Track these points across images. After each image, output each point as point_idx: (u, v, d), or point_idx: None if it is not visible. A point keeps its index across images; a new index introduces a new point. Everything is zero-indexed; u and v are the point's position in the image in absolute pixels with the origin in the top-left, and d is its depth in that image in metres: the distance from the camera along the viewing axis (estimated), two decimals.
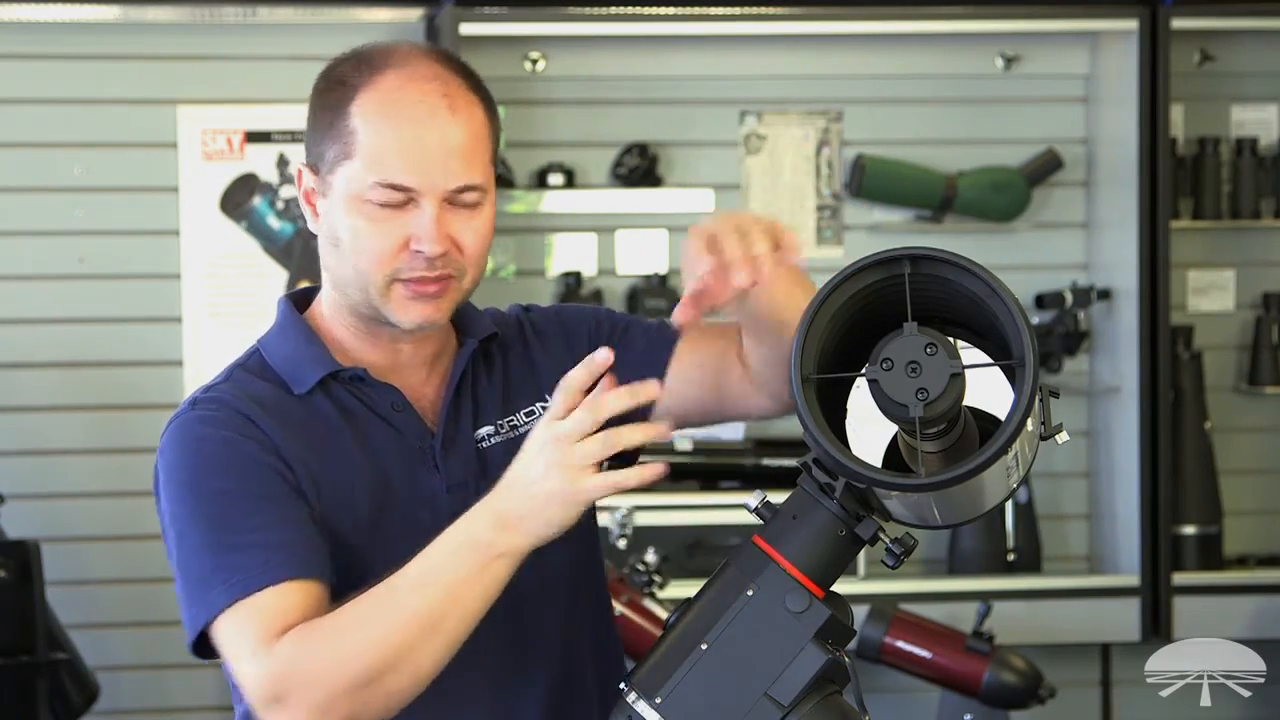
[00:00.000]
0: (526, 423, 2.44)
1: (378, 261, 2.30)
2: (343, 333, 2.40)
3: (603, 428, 2.12)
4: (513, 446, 2.34)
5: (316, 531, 2.27)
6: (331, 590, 2.25)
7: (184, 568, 2.29)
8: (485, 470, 2.38)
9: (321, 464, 2.32)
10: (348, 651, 2.14)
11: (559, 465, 2.11)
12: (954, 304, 2.05)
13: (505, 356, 2.48)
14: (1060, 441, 2.10)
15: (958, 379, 1.98)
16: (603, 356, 2.14)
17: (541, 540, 2.15)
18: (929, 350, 1.98)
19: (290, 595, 2.21)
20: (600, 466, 2.13)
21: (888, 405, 1.99)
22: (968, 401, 2.05)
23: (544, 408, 2.43)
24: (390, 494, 2.35)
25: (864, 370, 2.00)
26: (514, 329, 2.51)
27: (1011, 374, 2.00)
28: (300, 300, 2.47)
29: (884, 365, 1.98)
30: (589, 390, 2.15)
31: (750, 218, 2.15)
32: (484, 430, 2.42)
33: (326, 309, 2.42)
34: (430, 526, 2.30)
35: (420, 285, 2.31)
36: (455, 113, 2.31)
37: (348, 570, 2.29)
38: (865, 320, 2.05)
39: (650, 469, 2.13)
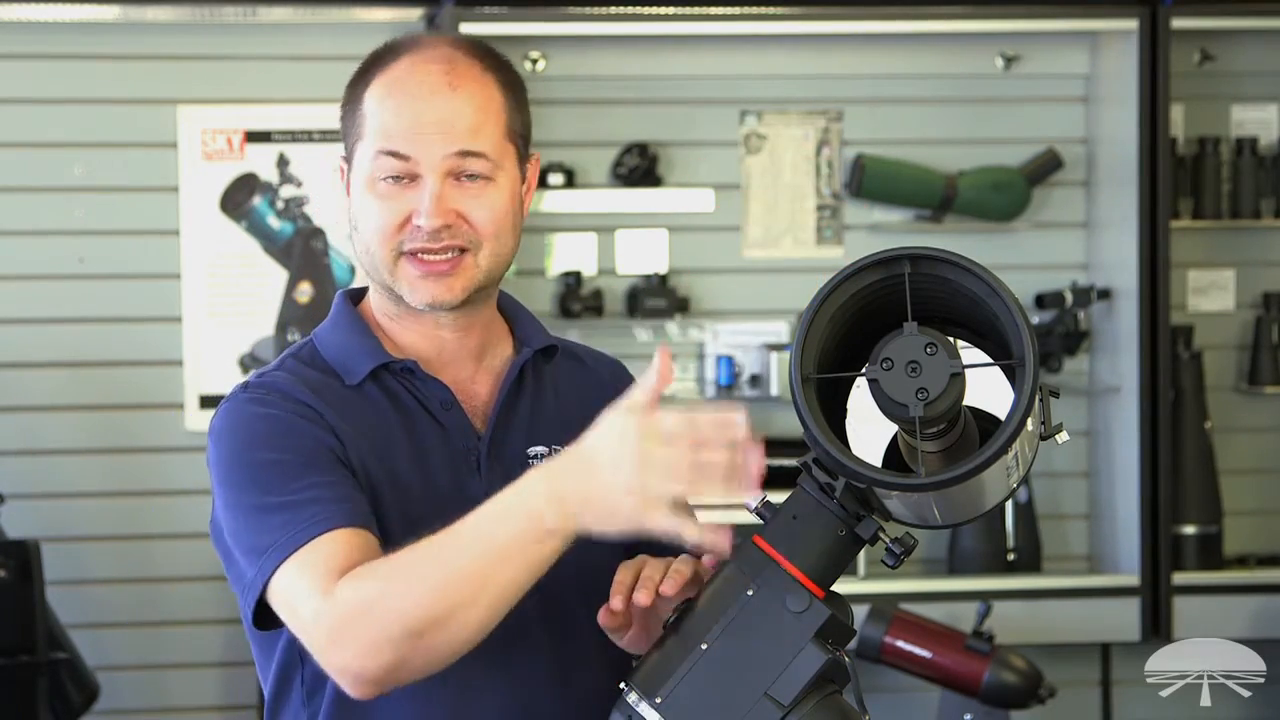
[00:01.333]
0: None
1: (381, 237, 2.33)
2: (390, 324, 2.42)
3: None
4: None
5: (364, 498, 2.28)
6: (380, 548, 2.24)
7: (239, 541, 2.27)
8: None
9: (373, 452, 2.33)
10: (397, 601, 2.12)
11: (643, 490, 2.04)
12: (954, 304, 2.04)
13: (568, 381, 2.48)
14: (1060, 441, 2.10)
15: (958, 379, 1.98)
16: (740, 423, 2.05)
17: (592, 533, 2.09)
18: (929, 350, 1.98)
19: (345, 541, 2.19)
20: None
21: (888, 405, 1.98)
22: (968, 401, 2.05)
23: None
24: (434, 491, 2.34)
25: (864, 370, 2.00)
26: (587, 361, 2.52)
27: (1011, 374, 2.00)
28: (357, 296, 2.49)
29: (884, 365, 1.98)
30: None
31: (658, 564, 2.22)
32: (537, 449, 2.40)
33: (373, 301, 2.45)
34: None
35: (429, 264, 2.33)
36: (456, 89, 2.34)
37: None
38: (865, 320, 2.04)
39: (716, 536, 2.06)
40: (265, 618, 2.26)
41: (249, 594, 2.24)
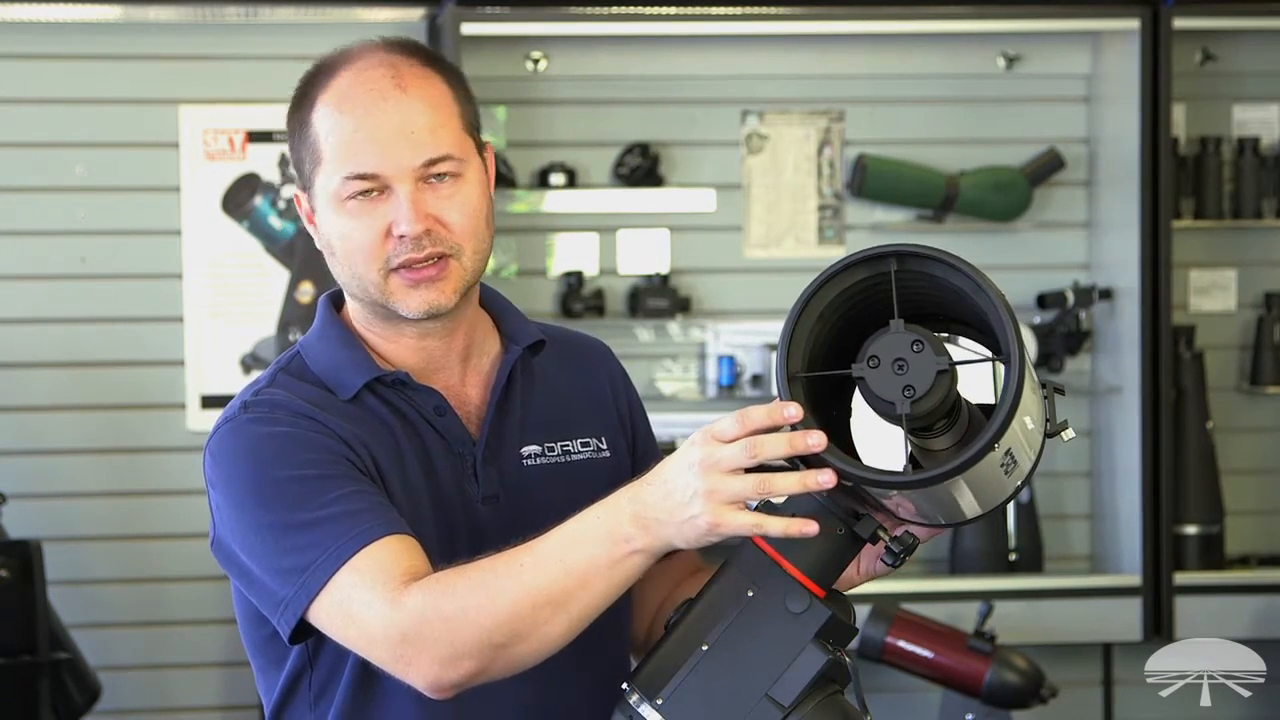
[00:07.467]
0: (581, 452, 2.43)
1: (367, 256, 2.30)
2: (373, 337, 2.39)
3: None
4: (560, 472, 2.37)
5: (389, 502, 2.26)
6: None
7: (267, 562, 2.24)
8: (527, 489, 2.37)
9: (385, 459, 2.31)
10: (477, 616, 2.11)
11: (708, 494, 2.03)
12: (949, 300, 2.04)
13: (555, 371, 2.47)
14: (1066, 439, 2.10)
15: (945, 375, 1.97)
16: (792, 412, 2.02)
17: (674, 548, 2.09)
18: (915, 347, 1.97)
19: (396, 548, 2.18)
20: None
21: (876, 402, 1.98)
22: (976, 398, 2.05)
23: (600, 444, 2.43)
24: (438, 496, 2.34)
25: (851, 368, 2.00)
26: (570, 348, 2.51)
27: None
28: (339, 299, 2.45)
29: (871, 363, 1.98)
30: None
31: None
32: (531, 449, 2.40)
33: (354, 314, 2.41)
34: (465, 534, 2.31)
35: (415, 271, 2.29)
36: (406, 91, 2.30)
37: None
38: (860, 318, 2.04)
39: (798, 523, 2.04)
40: (297, 632, 2.24)
41: (288, 612, 2.22)
